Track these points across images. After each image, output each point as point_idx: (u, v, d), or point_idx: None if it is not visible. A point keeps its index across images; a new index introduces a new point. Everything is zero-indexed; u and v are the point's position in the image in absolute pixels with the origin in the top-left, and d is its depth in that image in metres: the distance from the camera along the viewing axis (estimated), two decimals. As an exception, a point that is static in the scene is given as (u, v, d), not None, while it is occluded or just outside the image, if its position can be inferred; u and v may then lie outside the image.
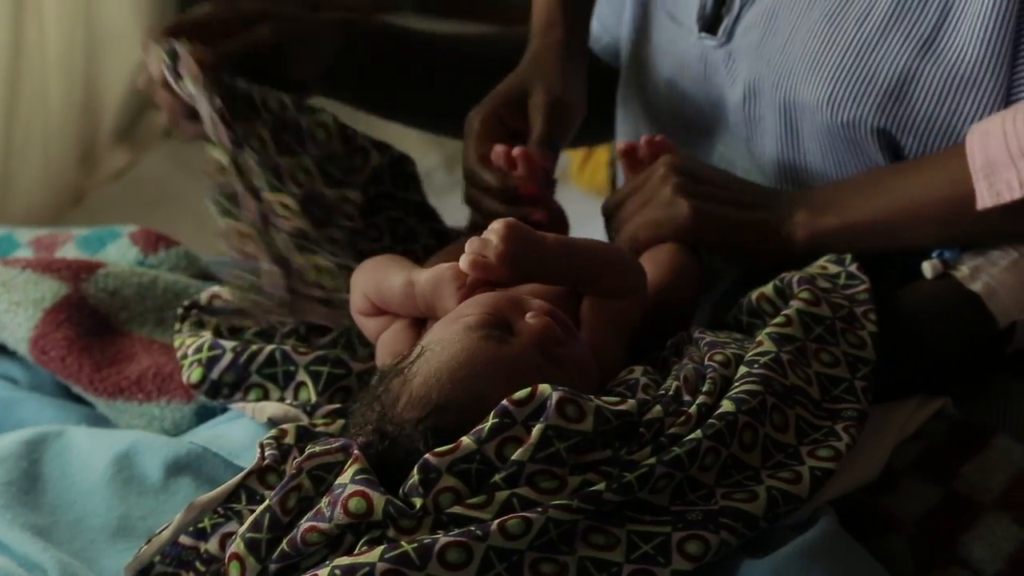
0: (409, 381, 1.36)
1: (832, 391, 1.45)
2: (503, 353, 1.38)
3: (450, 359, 1.37)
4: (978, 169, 1.54)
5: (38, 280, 1.71)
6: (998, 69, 1.57)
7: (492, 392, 1.33)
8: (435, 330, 1.44)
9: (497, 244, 1.41)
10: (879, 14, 1.62)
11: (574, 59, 1.82)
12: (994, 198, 1.53)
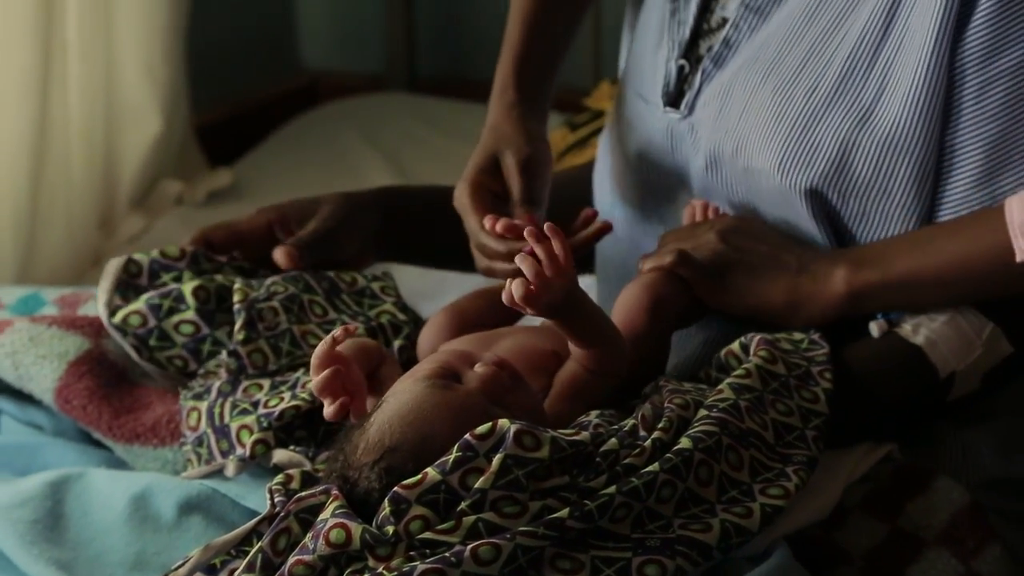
0: (366, 430, 1.39)
1: (785, 437, 1.46)
2: (448, 398, 1.41)
3: (400, 406, 1.40)
4: (1016, 226, 1.53)
5: (62, 335, 1.73)
6: (929, 136, 1.58)
7: (438, 433, 1.36)
8: (395, 384, 1.47)
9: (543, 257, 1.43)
10: (824, 89, 1.63)
11: (532, 116, 1.82)
12: None
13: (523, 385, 1.47)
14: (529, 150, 1.76)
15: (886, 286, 1.60)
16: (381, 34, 3.61)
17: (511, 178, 1.75)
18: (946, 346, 1.59)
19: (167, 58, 2.96)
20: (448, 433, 1.35)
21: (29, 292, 1.98)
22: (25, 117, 2.57)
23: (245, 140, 3.30)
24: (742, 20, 1.72)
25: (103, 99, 2.84)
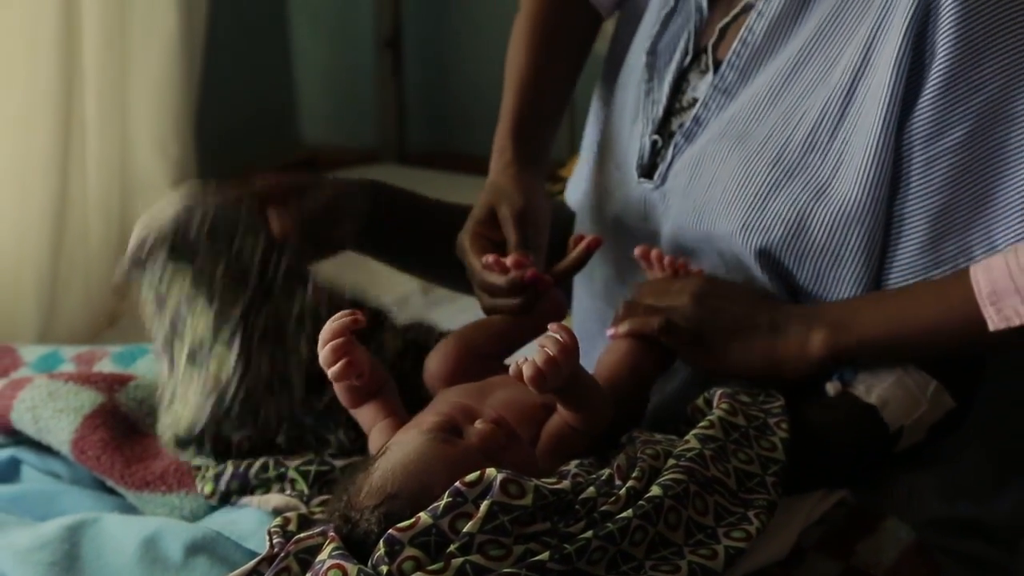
0: (371, 475, 1.39)
1: (747, 484, 1.46)
2: (448, 452, 1.41)
3: (403, 456, 1.40)
4: (984, 297, 1.53)
5: (79, 391, 1.73)
6: (878, 208, 1.59)
7: (436, 484, 1.36)
8: (399, 433, 1.47)
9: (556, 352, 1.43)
10: (786, 163, 1.63)
11: (528, 173, 1.81)
12: (1004, 322, 1.52)
13: (517, 441, 1.48)
14: (523, 202, 1.75)
15: (862, 350, 1.60)
16: (373, 113, 3.62)
17: (507, 228, 1.74)
18: (896, 404, 1.59)
19: (178, 136, 2.97)
20: (446, 484, 1.35)
21: (49, 350, 1.98)
22: (47, 191, 2.57)
23: (250, 210, 3.30)
24: (711, 100, 1.73)
25: (119, 174, 2.85)
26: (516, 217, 1.73)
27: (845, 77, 1.61)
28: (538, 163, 1.85)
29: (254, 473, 1.61)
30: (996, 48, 1.54)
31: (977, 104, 1.55)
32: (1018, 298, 1.52)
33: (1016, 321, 1.52)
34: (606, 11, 1.95)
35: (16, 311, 2.57)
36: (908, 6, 1.55)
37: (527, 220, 1.73)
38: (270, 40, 3.62)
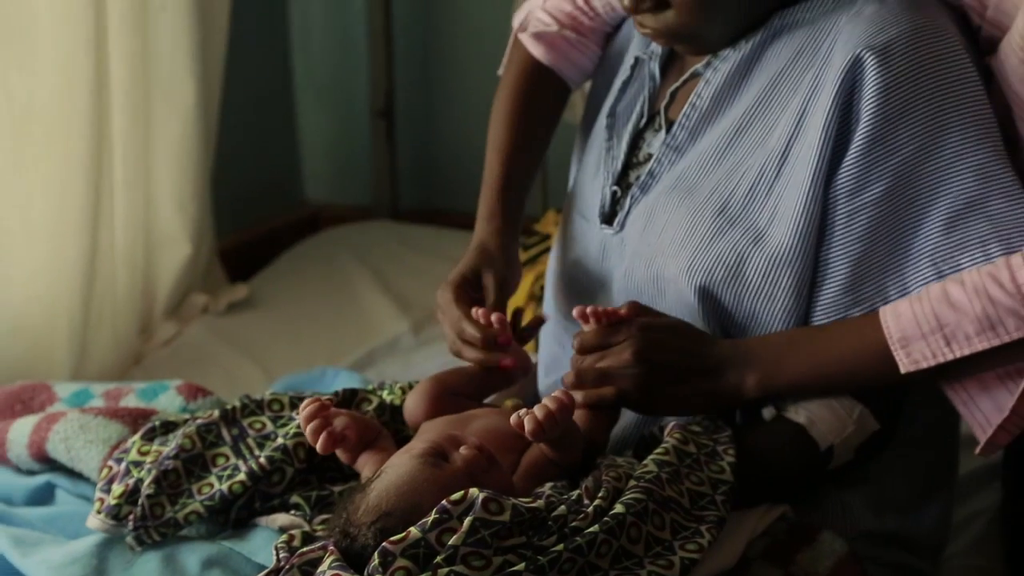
0: (368, 495, 1.41)
1: (699, 502, 1.48)
2: (436, 475, 1.43)
3: (397, 478, 1.42)
4: (895, 341, 1.53)
5: (107, 424, 1.73)
6: (807, 253, 1.59)
7: (426, 503, 1.37)
8: (393, 458, 1.48)
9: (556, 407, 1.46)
10: (728, 213, 1.63)
11: (512, 239, 1.82)
12: (913, 364, 1.53)
13: (497, 465, 1.49)
14: (506, 273, 1.78)
15: (790, 388, 1.60)
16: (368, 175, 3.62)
17: (488, 292, 1.76)
18: (823, 424, 1.59)
19: (195, 196, 2.96)
20: (434, 503, 1.36)
21: (81, 387, 1.98)
22: (80, 246, 2.57)
23: (259, 261, 3.29)
24: (664, 156, 1.73)
25: (143, 230, 2.85)
26: (497, 285, 1.76)
27: (781, 140, 1.62)
28: (518, 224, 1.86)
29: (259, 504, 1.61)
30: (910, 118, 1.55)
31: (893, 165, 1.56)
32: (924, 343, 1.52)
33: (924, 364, 1.53)
34: (575, 84, 1.96)
35: (51, 352, 2.56)
36: (836, 80, 1.56)
37: (505, 288, 1.76)
38: (277, 111, 3.62)
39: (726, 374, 1.59)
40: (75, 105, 2.54)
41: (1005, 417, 1.56)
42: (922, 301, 1.53)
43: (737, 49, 1.68)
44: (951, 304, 1.51)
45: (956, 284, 1.52)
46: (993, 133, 1.57)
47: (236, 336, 2.89)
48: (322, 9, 3.60)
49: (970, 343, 1.51)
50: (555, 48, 1.90)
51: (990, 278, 1.51)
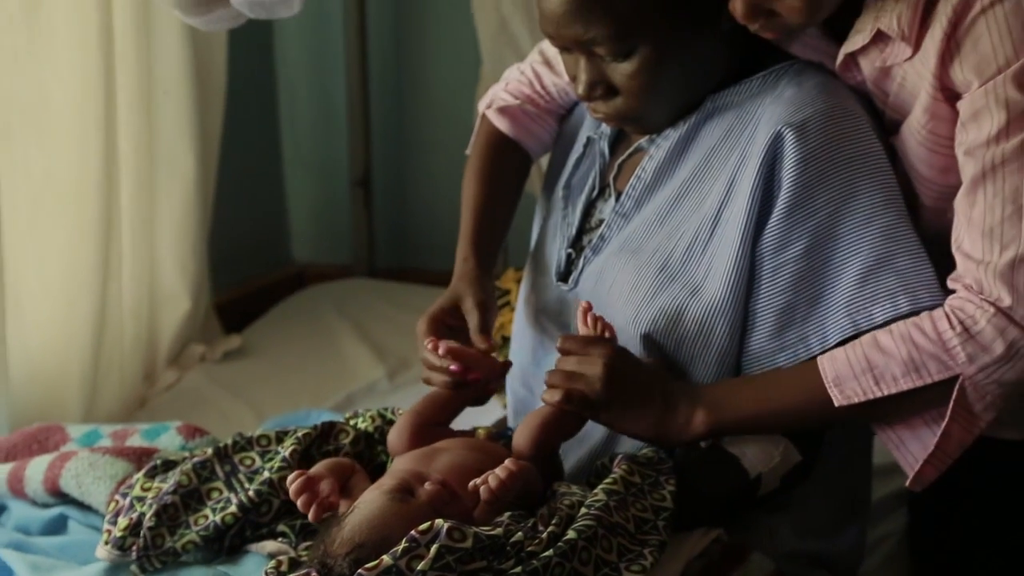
0: (342, 528, 1.41)
1: (643, 527, 1.47)
2: (403, 509, 1.43)
3: (368, 513, 1.42)
4: (830, 381, 1.53)
5: (113, 461, 1.72)
6: (737, 304, 1.59)
7: (394, 534, 1.37)
8: (365, 494, 1.48)
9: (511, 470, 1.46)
10: (669, 270, 1.64)
11: (484, 276, 1.80)
12: (846, 400, 1.53)
13: (458, 498, 1.48)
14: (483, 296, 1.76)
15: (735, 426, 1.59)
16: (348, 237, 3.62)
17: (469, 314, 1.74)
18: (753, 455, 1.59)
19: (195, 256, 2.96)
20: (402, 534, 1.36)
21: (91, 428, 1.96)
22: (90, 300, 2.57)
23: (251, 314, 3.28)
24: (613, 221, 1.73)
25: (147, 288, 2.84)
26: (479, 306, 1.74)
27: (714, 206, 1.63)
28: (490, 269, 1.85)
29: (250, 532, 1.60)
30: (825, 185, 1.56)
31: (811, 226, 1.57)
32: (856, 383, 1.53)
33: (856, 400, 1.53)
34: (535, 155, 1.96)
35: (65, 397, 2.55)
36: (760, 153, 1.58)
37: (485, 309, 1.74)
38: (267, 181, 3.62)
39: (678, 408, 1.58)
40: (87, 177, 2.54)
41: (930, 453, 1.56)
42: (855, 347, 1.54)
43: (676, 128, 1.69)
44: (880, 349, 1.52)
45: (885, 333, 1.53)
46: (897, 199, 1.58)
47: (230, 382, 2.87)
48: (307, 92, 3.61)
49: (896, 383, 1.52)
50: (517, 122, 1.91)
51: (915, 327, 1.52)
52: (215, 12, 1.90)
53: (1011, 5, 1.43)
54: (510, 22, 3.09)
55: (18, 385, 2.43)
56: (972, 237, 1.50)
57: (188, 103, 2.87)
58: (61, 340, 2.55)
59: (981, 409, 1.53)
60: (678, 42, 1.58)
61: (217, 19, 1.92)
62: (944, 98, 1.51)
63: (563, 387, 1.56)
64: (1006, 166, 1.47)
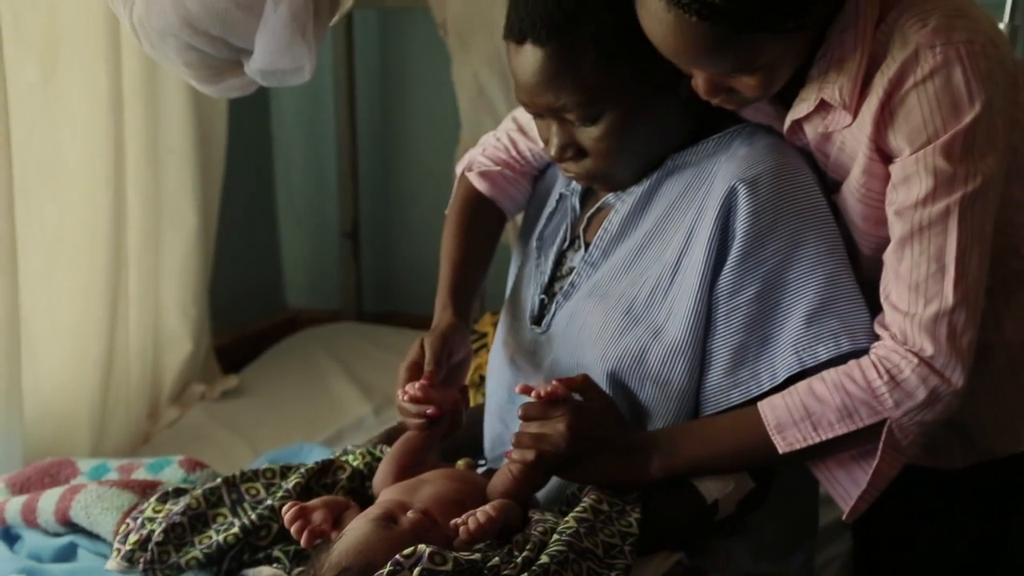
0: (331, 553, 1.40)
1: (611, 552, 1.46)
2: (387, 535, 1.42)
3: (355, 539, 1.41)
4: (772, 428, 1.53)
5: (120, 493, 1.70)
6: (696, 345, 1.59)
7: (379, 559, 1.37)
8: (352, 521, 1.47)
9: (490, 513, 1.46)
10: (633, 313, 1.64)
11: (460, 321, 1.78)
12: (788, 447, 1.53)
13: (439, 526, 1.48)
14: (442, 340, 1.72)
15: (688, 469, 1.58)
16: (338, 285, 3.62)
17: (427, 351, 1.71)
18: (710, 483, 1.58)
19: (196, 303, 2.95)
20: (386, 559, 1.35)
21: (99, 463, 1.95)
22: (99, 344, 2.56)
23: (247, 356, 3.27)
24: (582, 270, 1.73)
25: (152, 332, 2.83)
26: (433, 345, 1.71)
27: (674, 254, 1.63)
28: (467, 315, 1.83)
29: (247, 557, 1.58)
30: (775, 236, 1.57)
31: (762, 273, 1.57)
32: (796, 429, 1.53)
33: (797, 446, 1.53)
34: (510, 213, 1.96)
35: (74, 433, 2.54)
36: (716, 206, 1.58)
37: (440, 347, 1.71)
38: (263, 233, 3.61)
39: (635, 455, 1.57)
40: (97, 229, 2.54)
41: (862, 490, 1.57)
42: (792, 395, 1.54)
43: (640, 185, 1.69)
44: (816, 397, 1.52)
45: (819, 381, 1.53)
46: (839, 250, 1.59)
47: (229, 418, 2.86)
48: (300, 152, 3.62)
49: (832, 428, 1.52)
50: (495, 184, 1.91)
51: (846, 376, 1.52)
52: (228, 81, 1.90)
53: (940, 81, 1.44)
54: (487, 89, 3.10)
55: (32, 422, 2.42)
56: (899, 290, 1.51)
57: (191, 162, 2.87)
58: (72, 380, 2.54)
59: (905, 446, 1.54)
60: (641, 108, 1.59)
61: (229, 88, 1.92)
62: (879, 159, 1.52)
63: (532, 448, 1.55)
64: (932, 228, 1.48)
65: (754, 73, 1.46)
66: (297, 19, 1.76)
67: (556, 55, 1.53)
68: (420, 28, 3.33)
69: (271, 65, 1.82)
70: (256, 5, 1.77)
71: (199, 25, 1.79)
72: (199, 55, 1.85)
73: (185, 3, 1.76)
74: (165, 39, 1.82)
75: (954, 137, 1.44)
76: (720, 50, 1.42)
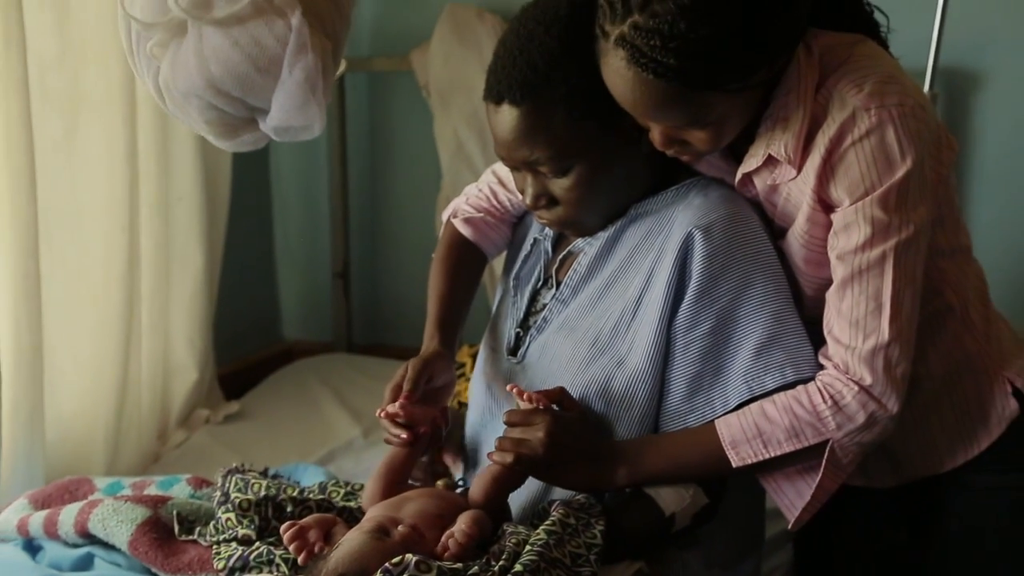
0: (328, 562, 1.39)
1: (577, 561, 1.45)
2: (379, 546, 1.42)
3: (349, 548, 1.40)
4: (727, 444, 1.53)
5: (133, 507, 1.67)
6: (655, 373, 1.59)
7: (371, 566, 1.36)
8: (348, 533, 1.47)
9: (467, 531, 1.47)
10: (599, 345, 1.63)
11: (445, 349, 1.78)
12: (741, 461, 1.53)
13: (425, 539, 1.47)
14: (424, 364, 1.72)
15: (650, 478, 1.58)
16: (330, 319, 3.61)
17: (409, 372, 1.71)
18: (668, 497, 1.58)
19: (201, 335, 2.94)
20: (378, 566, 1.35)
21: (114, 480, 1.93)
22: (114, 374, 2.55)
23: (248, 384, 3.26)
24: (554, 306, 1.73)
25: (162, 362, 2.82)
26: (413, 366, 1.70)
27: (636, 292, 1.63)
28: (452, 345, 1.83)
29: (252, 557, 1.55)
30: (727, 277, 1.58)
31: (715, 310, 1.57)
32: (749, 446, 1.53)
33: (749, 461, 1.53)
34: (491, 255, 1.96)
35: (91, 453, 2.52)
36: (674, 250, 1.59)
37: (419, 372, 1.70)
38: (262, 272, 3.61)
39: (605, 464, 1.57)
40: (113, 271, 2.53)
41: (806, 502, 1.57)
42: (746, 415, 1.54)
43: (606, 231, 1.70)
44: (767, 418, 1.53)
45: (770, 403, 1.53)
46: (785, 289, 1.59)
47: (231, 440, 2.84)
48: (296, 199, 3.62)
49: (780, 446, 1.52)
50: (477, 229, 1.91)
51: (794, 400, 1.53)
52: (242, 137, 1.90)
53: (876, 140, 1.45)
54: (465, 144, 3.12)
55: (52, 443, 2.41)
56: (841, 325, 1.52)
57: (198, 209, 2.87)
58: (89, 405, 2.53)
59: (845, 464, 1.55)
60: (607, 161, 1.60)
61: (242, 143, 1.92)
62: (821, 209, 1.53)
63: (512, 451, 1.55)
64: (870, 271, 1.49)
65: (705, 127, 1.47)
66: (310, 81, 1.78)
67: (530, 114, 1.54)
68: (405, 89, 3.35)
69: (285, 122, 1.83)
70: (274, 68, 1.78)
71: (221, 86, 1.79)
72: (218, 113, 1.85)
73: (209, 67, 1.77)
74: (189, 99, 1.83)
75: (889, 190, 1.46)
76: (674, 105, 1.43)
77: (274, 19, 1.77)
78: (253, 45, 1.77)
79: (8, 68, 2.07)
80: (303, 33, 1.77)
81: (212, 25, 1.76)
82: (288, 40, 1.76)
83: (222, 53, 1.77)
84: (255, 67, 1.78)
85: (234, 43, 1.76)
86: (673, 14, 1.35)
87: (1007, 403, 1.65)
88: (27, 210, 2.14)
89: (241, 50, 1.76)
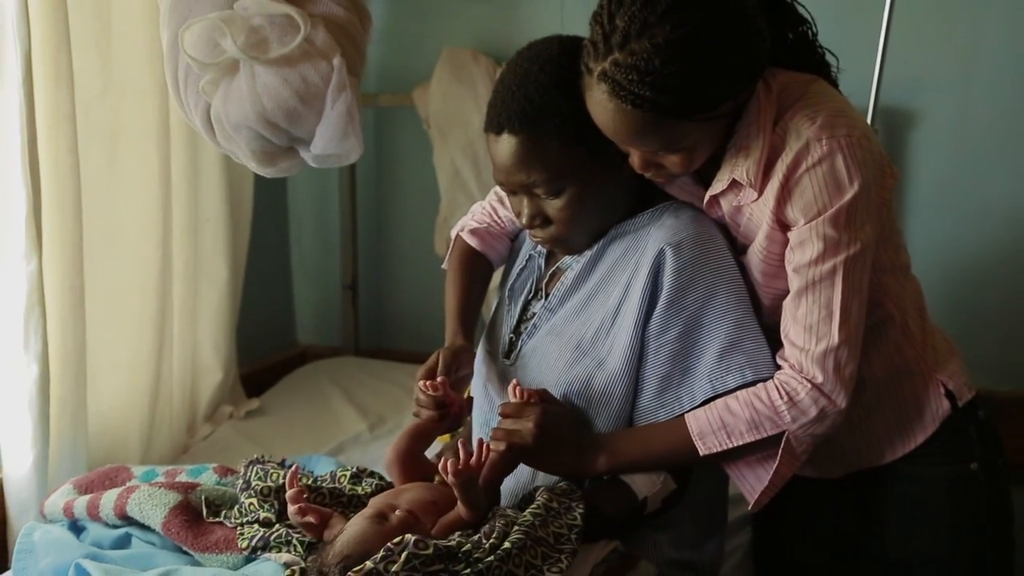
0: (334, 545, 1.40)
1: (560, 540, 1.45)
2: (380, 529, 1.42)
3: (354, 532, 1.41)
4: (695, 435, 1.54)
5: (166, 493, 1.67)
6: (631, 373, 1.59)
7: (374, 548, 1.36)
8: (351, 520, 1.47)
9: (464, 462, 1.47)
10: (581, 348, 1.63)
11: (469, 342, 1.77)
12: (708, 450, 1.54)
13: (420, 522, 1.47)
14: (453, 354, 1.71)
15: (627, 466, 1.58)
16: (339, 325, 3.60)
17: (440, 360, 1.70)
18: (641, 482, 1.59)
19: (226, 340, 2.94)
20: (380, 546, 1.34)
21: (148, 469, 1.92)
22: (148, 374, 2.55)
23: (267, 383, 3.25)
24: (543, 315, 1.73)
25: (191, 364, 2.82)
26: (444, 356, 1.70)
27: (615, 302, 1.63)
28: (471, 340, 1.81)
29: (273, 538, 1.56)
30: (694, 288, 1.58)
31: (684, 317, 1.58)
32: (714, 436, 1.54)
33: (715, 450, 1.54)
34: (496, 264, 1.96)
35: (128, 445, 2.51)
36: (648, 264, 1.60)
37: (450, 359, 1.70)
38: (280, 284, 3.60)
39: (586, 452, 1.58)
40: (148, 283, 2.53)
41: (765, 486, 1.57)
42: (712, 410, 1.55)
43: (591, 249, 1.70)
44: (730, 412, 1.53)
45: (733, 399, 1.54)
46: (746, 300, 1.60)
47: (252, 433, 2.84)
48: (311, 220, 3.61)
49: (742, 437, 1.53)
50: (483, 239, 1.91)
51: (755, 396, 1.53)
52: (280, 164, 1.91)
53: (827, 167, 1.46)
54: (462, 171, 3.13)
55: (94, 435, 2.40)
56: (796, 330, 1.53)
57: (224, 229, 2.87)
58: (126, 403, 2.52)
59: (799, 453, 1.55)
60: (594, 184, 1.60)
61: (281, 169, 1.93)
62: (779, 228, 1.54)
63: (505, 440, 1.55)
64: (822, 282, 1.50)
65: (678, 152, 1.49)
66: (350, 113, 1.79)
67: (527, 142, 1.55)
68: (408, 123, 3.35)
69: (326, 150, 1.84)
70: (317, 103, 1.80)
71: (271, 118, 1.81)
72: (263, 143, 1.87)
73: (262, 101, 1.78)
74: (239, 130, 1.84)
75: (839, 210, 1.46)
76: (650, 132, 1.44)
77: (319, 60, 1.79)
78: (300, 82, 1.79)
79: (58, 103, 2.07)
80: (343, 73, 1.78)
81: (265, 65, 1.78)
82: (330, 78, 1.78)
83: (273, 89, 1.78)
84: (302, 101, 1.80)
85: (284, 81, 1.78)
86: (649, 52, 1.37)
87: (940, 403, 1.65)
88: (73, 230, 2.14)
89: (290, 87, 1.78)
